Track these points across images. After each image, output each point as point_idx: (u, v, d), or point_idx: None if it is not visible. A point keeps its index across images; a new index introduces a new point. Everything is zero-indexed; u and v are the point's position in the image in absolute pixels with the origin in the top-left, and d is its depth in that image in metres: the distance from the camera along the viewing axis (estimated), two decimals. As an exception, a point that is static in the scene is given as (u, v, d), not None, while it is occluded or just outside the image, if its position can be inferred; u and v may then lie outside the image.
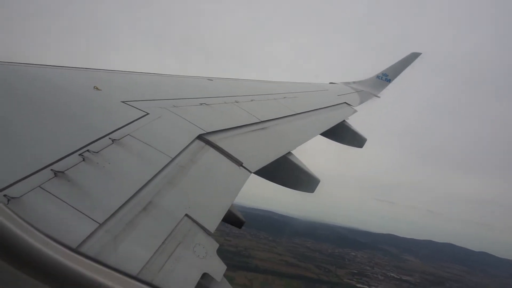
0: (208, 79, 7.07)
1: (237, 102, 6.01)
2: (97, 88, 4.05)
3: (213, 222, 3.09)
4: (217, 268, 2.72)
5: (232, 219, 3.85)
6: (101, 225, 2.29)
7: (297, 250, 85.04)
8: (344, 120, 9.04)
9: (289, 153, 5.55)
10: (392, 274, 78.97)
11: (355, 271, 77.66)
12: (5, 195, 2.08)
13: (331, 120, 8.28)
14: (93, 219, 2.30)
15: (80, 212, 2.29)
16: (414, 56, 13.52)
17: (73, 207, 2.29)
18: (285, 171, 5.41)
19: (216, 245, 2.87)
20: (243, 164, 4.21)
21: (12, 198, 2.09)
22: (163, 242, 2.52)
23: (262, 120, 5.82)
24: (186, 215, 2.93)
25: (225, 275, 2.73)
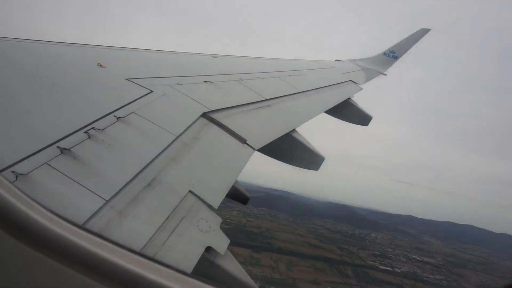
0: (213, 56, 7.00)
1: (241, 80, 5.97)
2: (101, 65, 4.04)
3: (216, 198, 3.15)
4: (221, 241, 2.78)
5: (237, 195, 3.90)
6: (107, 201, 2.34)
7: (317, 231, 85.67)
8: (349, 98, 8.97)
9: (294, 131, 5.55)
10: (414, 256, 79.19)
11: (377, 253, 78.00)
12: (13, 172, 2.12)
13: (336, 98, 8.22)
14: (99, 196, 2.34)
15: (87, 189, 2.33)
16: (422, 32, 13.20)
17: (80, 184, 2.33)
18: (290, 149, 5.43)
19: (219, 220, 2.93)
20: (247, 142, 4.23)
21: (20, 174, 2.13)
22: (167, 218, 2.58)
23: (267, 98, 5.79)
24: (190, 191, 2.98)
25: (251, 256, 2.77)
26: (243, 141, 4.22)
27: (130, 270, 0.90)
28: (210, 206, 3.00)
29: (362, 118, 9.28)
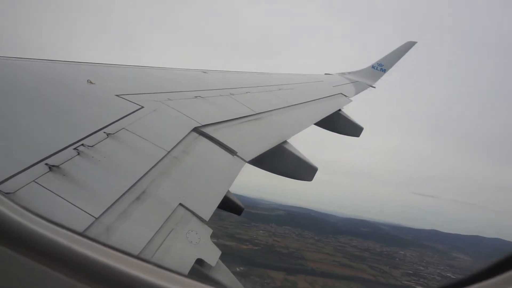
0: (203, 72, 7.04)
1: (232, 94, 6.00)
2: (90, 82, 4.03)
3: (207, 210, 3.13)
4: (211, 253, 2.74)
5: (231, 206, 3.89)
6: (97, 219, 2.30)
7: (345, 249, 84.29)
8: (340, 110, 9.07)
9: (286, 142, 5.58)
10: (448, 274, 77.47)
11: (410, 272, 76.06)
12: None
13: (326, 110, 8.31)
14: (89, 213, 2.30)
15: (76, 206, 2.29)
16: (409, 45, 13.50)
17: (69, 202, 2.29)
18: (282, 160, 5.45)
19: (210, 231, 2.90)
20: (237, 153, 4.24)
21: (7, 193, 2.09)
22: (156, 232, 2.54)
23: (257, 112, 5.83)
24: (180, 204, 2.96)
25: (286, 279, 2.75)
26: (233, 153, 4.22)
27: (125, 271, 0.89)
28: (200, 218, 2.97)
29: (353, 129, 9.36)
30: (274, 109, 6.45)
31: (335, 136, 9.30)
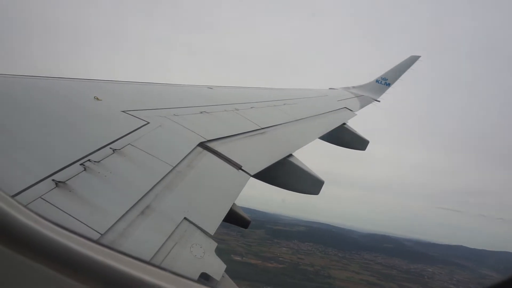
0: (208, 88, 7.10)
1: (237, 109, 6.03)
2: (97, 98, 4.08)
3: (212, 223, 3.11)
4: (216, 267, 2.71)
5: (237, 220, 3.88)
6: (102, 235, 2.29)
7: (371, 267, 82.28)
8: (345, 124, 9.08)
9: (291, 156, 5.57)
10: None
11: None
12: None
13: (330, 124, 8.32)
14: (95, 230, 2.29)
15: (82, 222, 2.29)
16: (413, 59, 13.56)
17: (75, 218, 2.29)
18: (288, 174, 5.44)
19: (215, 245, 2.87)
20: (242, 167, 4.24)
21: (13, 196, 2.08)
22: (161, 246, 2.52)
23: (262, 126, 5.84)
24: (185, 218, 2.94)
25: None
26: (238, 167, 4.22)
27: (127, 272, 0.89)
28: (205, 232, 2.95)
29: (359, 143, 9.34)
30: (279, 124, 6.47)
31: (350, 151, 9.31)
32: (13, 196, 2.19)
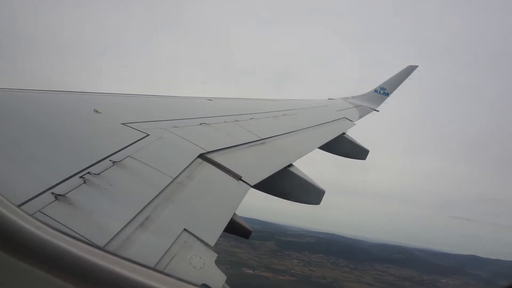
0: (208, 99, 7.13)
1: (236, 121, 6.04)
2: (97, 111, 4.09)
3: (212, 234, 3.09)
4: (216, 278, 2.68)
5: (238, 230, 3.86)
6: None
7: (384, 278, 79.92)
8: (344, 133, 9.09)
9: (292, 166, 5.56)
10: None
11: None
12: None
13: (330, 133, 8.33)
14: (94, 243, 2.27)
15: (81, 236, 2.27)
16: (411, 69, 13.65)
17: (74, 231, 2.27)
18: (288, 184, 5.43)
19: (215, 255, 2.85)
20: (242, 178, 4.23)
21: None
22: (160, 258, 2.50)
23: (262, 137, 5.84)
24: (185, 229, 2.93)
25: None
26: (238, 178, 4.21)
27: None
28: (205, 243, 2.93)
29: (359, 152, 9.34)
30: (279, 134, 6.47)
31: (352, 161, 9.30)
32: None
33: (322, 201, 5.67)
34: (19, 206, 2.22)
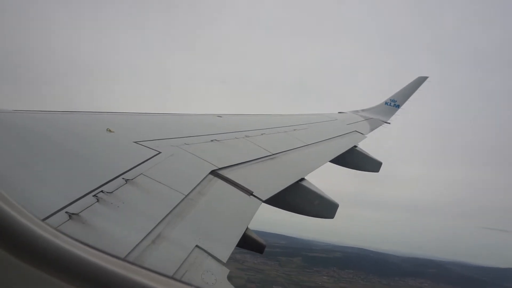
0: (218, 116, 7.19)
1: (247, 136, 6.06)
2: (110, 130, 4.15)
3: (225, 250, 3.07)
4: None
5: (252, 245, 3.84)
6: None
7: None
8: (356, 146, 9.04)
9: (304, 180, 5.53)
10: None
11: None
12: None
13: (341, 147, 8.29)
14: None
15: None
16: (421, 80, 13.59)
17: None
18: (301, 198, 5.38)
19: (227, 271, 2.82)
20: (253, 193, 4.22)
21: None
22: (173, 275, 2.48)
23: (273, 152, 5.84)
24: (197, 246, 2.91)
25: None
26: (249, 193, 4.20)
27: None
28: (217, 259, 2.90)
29: (372, 165, 9.25)
30: (290, 149, 6.46)
31: (370, 174, 9.19)
32: None
33: (338, 215, 5.60)
34: None
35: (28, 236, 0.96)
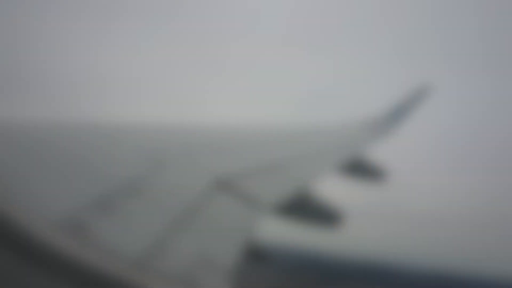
0: (224, 125, 7.21)
1: (251, 146, 6.08)
2: (115, 140, 4.15)
3: (227, 262, 3.03)
4: None
5: (257, 256, 3.82)
6: None
7: None
8: (360, 157, 9.01)
9: (310, 190, 5.51)
10: None
11: None
12: None
13: (346, 156, 8.28)
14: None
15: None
16: (426, 88, 13.55)
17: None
18: (307, 209, 5.36)
19: (229, 285, 2.78)
20: (257, 204, 4.20)
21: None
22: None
23: (277, 162, 5.86)
24: (199, 258, 2.88)
25: None
26: (254, 203, 4.18)
27: None
28: (219, 273, 2.87)
29: (378, 175, 9.22)
30: (293, 159, 6.47)
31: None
32: None
33: (347, 225, 5.58)
34: None
35: (32, 241, 0.94)
